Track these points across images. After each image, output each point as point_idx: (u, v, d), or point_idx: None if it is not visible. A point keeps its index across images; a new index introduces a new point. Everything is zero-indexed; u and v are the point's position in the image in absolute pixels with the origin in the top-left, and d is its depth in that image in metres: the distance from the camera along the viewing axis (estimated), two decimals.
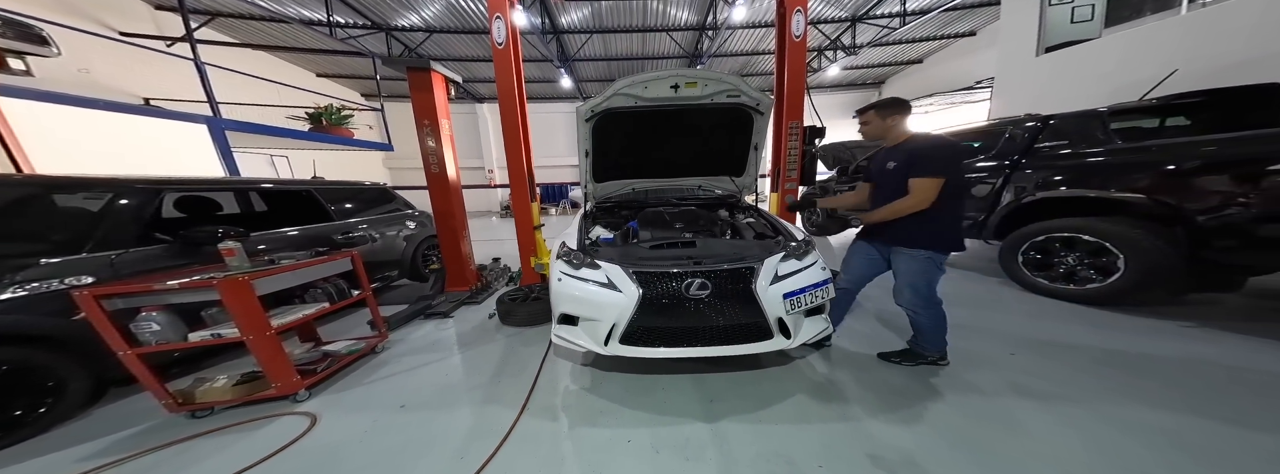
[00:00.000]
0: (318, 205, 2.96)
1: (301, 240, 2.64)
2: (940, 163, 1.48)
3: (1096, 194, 2.45)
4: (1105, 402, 1.49)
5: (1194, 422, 1.35)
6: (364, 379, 1.98)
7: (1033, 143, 2.82)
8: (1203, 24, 4.27)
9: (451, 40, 8.82)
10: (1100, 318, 2.32)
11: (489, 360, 2.14)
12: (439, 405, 1.70)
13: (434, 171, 3.27)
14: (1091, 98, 3.74)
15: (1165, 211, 2.19)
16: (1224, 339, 1.98)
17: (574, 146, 2.46)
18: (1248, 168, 1.91)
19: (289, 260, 1.93)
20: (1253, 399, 1.47)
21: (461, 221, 3.45)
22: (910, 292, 1.64)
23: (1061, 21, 5.52)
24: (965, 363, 1.83)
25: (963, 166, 1.60)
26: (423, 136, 3.17)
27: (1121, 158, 2.41)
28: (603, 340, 1.60)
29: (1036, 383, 1.65)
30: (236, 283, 1.58)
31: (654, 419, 1.51)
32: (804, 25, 2.83)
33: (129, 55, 5.08)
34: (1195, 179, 2.09)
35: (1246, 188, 1.91)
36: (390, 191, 3.82)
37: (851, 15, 8.36)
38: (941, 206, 1.50)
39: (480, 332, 2.58)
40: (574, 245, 1.86)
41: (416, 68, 3.04)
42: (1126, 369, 1.73)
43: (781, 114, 2.98)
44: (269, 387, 1.72)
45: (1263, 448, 1.21)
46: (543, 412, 1.61)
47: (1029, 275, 2.80)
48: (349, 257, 2.16)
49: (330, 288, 2.05)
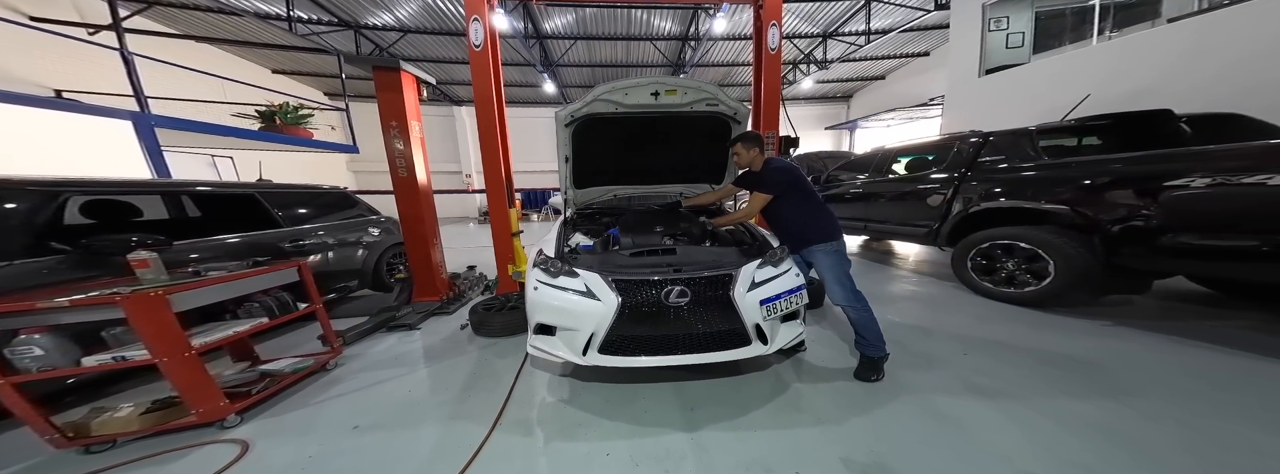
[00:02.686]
0: (262, 211, 2.75)
1: (241, 249, 2.43)
2: (772, 184, 1.90)
3: (1029, 205, 2.70)
4: (1043, 397, 1.63)
5: (1115, 411, 1.51)
6: (312, 399, 1.83)
7: (976, 157, 3.09)
8: (1110, 55, 4.87)
9: (428, 41, 8.55)
10: (1037, 318, 2.55)
11: (459, 374, 2.05)
12: (399, 424, 1.61)
13: (402, 175, 3.13)
14: (1027, 117, 4.15)
15: (1084, 222, 2.44)
16: (1136, 336, 2.23)
17: (554, 152, 2.43)
18: (1147, 184, 2.17)
19: (220, 272, 1.77)
20: (1162, 391, 1.66)
21: (432, 228, 3.32)
22: (839, 287, 1.82)
23: (998, 46, 6.12)
24: (926, 363, 1.96)
25: (803, 179, 1.94)
26: (389, 139, 3.04)
27: (1047, 173, 2.68)
28: (581, 350, 1.57)
29: (986, 381, 1.78)
30: (147, 299, 1.40)
31: (633, 430, 1.50)
32: (779, 39, 2.97)
33: (43, 43, 4.55)
34: (1106, 193, 2.35)
35: (1147, 201, 2.17)
36: (351, 196, 3.61)
37: (823, 31, 8.89)
38: (808, 210, 1.90)
39: (450, 344, 2.47)
40: (552, 253, 1.84)
41: (384, 67, 2.92)
42: (1058, 366, 1.90)
43: (758, 124, 3.09)
44: (188, 413, 1.54)
45: (1170, 435, 1.37)
46: (516, 426, 1.56)
47: (977, 280, 3.03)
48: (296, 266, 2.01)
49: (271, 301, 1.90)
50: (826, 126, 13.71)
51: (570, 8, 7.40)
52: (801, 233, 1.90)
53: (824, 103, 14.23)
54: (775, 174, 1.92)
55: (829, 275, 1.86)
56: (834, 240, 1.87)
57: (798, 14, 7.97)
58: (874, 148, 4.51)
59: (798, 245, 1.92)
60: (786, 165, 1.95)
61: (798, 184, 1.91)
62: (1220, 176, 1.91)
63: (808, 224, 1.90)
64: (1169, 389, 1.66)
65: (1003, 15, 5.92)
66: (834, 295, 1.85)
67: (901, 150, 4.06)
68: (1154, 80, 4.34)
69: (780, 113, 3.12)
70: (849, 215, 4.34)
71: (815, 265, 1.93)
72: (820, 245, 1.87)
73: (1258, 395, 1.60)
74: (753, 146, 1.98)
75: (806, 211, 1.90)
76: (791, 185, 1.90)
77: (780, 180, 1.90)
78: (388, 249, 3.56)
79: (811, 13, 7.97)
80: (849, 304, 1.81)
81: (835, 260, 1.85)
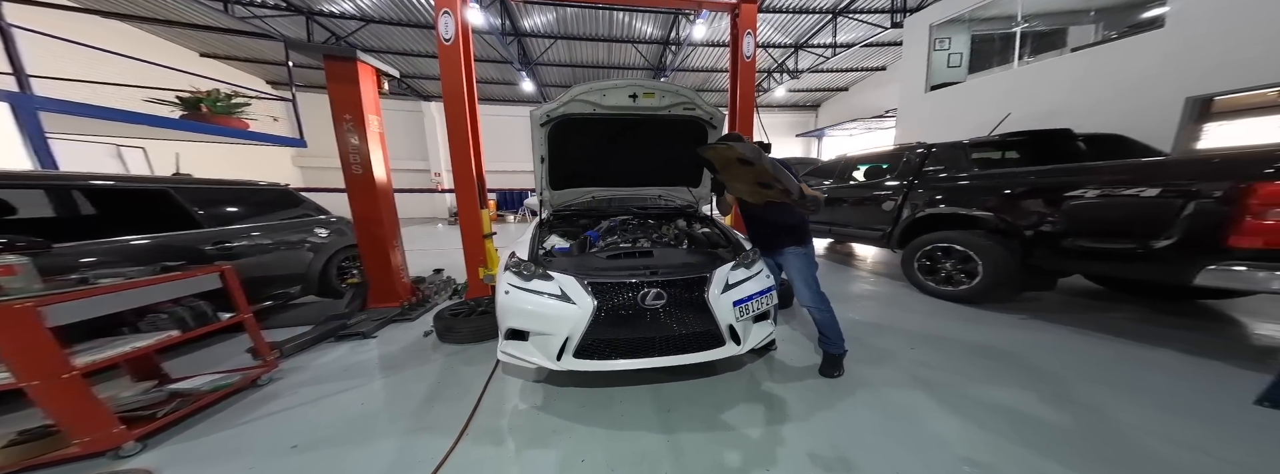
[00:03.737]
0: (179, 209, 2.46)
1: (149, 252, 2.16)
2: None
3: (964, 211, 2.99)
4: (976, 385, 1.82)
5: (1028, 395, 1.71)
6: (239, 419, 1.66)
7: (923, 166, 3.38)
8: (1027, 78, 5.52)
9: (393, 32, 8.01)
10: (970, 314, 2.83)
11: (421, 383, 1.94)
12: (349, 441, 1.49)
13: (356, 173, 2.92)
14: (965, 130, 4.58)
15: (1005, 227, 2.75)
16: (1046, 328, 2.54)
17: (531, 152, 2.37)
18: (1052, 194, 2.49)
19: (114, 279, 1.56)
20: (1071, 375, 1.91)
21: (391, 229, 3.12)
22: (806, 288, 1.89)
23: (941, 65, 6.74)
24: (880, 357, 2.12)
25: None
26: (343, 133, 2.83)
27: (977, 182, 2.99)
28: (555, 355, 1.55)
29: (930, 373, 1.95)
30: (10, 312, 1.21)
31: (610, 435, 1.50)
32: (753, 47, 3.09)
33: None
34: (1022, 201, 2.66)
35: (1053, 209, 2.48)
36: (294, 194, 3.31)
37: (794, 42, 9.35)
38: (788, 212, 1.90)
39: (412, 352, 2.34)
40: (525, 255, 1.79)
41: (337, 57, 2.71)
42: (987, 356, 2.13)
43: (734, 129, 3.18)
44: (69, 444, 1.34)
45: (1068, 412, 1.58)
46: (486, 436, 1.51)
47: (922, 279, 3.31)
48: (218, 271, 1.82)
49: (184, 312, 1.70)
50: (797, 133, 14.36)
51: (550, 6, 7.24)
52: (778, 235, 1.95)
53: (795, 111, 14.88)
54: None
55: (798, 277, 1.92)
56: (807, 244, 1.95)
57: (772, 24, 8.31)
58: (838, 155, 4.80)
59: (772, 246, 1.97)
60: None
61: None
62: (1106, 189, 2.23)
63: (785, 226, 1.95)
64: (1071, 373, 1.91)
65: (946, 36, 6.54)
66: (801, 296, 1.94)
67: (861, 158, 4.35)
68: (1061, 102, 4.97)
69: (754, 118, 3.24)
70: (815, 219, 4.60)
71: (785, 267, 1.99)
72: (794, 247, 1.93)
73: (1131, 376, 1.89)
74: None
75: (786, 214, 1.94)
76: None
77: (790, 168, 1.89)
78: (339, 252, 3.30)
79: (784, 24, 8.35)
80: (814, 305, 1.91)
81: (805, 263, 1.92)
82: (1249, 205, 1.73)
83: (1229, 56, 3.80)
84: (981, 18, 6.09)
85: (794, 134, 14.39)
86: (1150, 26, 4.39)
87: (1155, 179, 2.06)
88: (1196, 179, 1.93)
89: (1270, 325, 2.51)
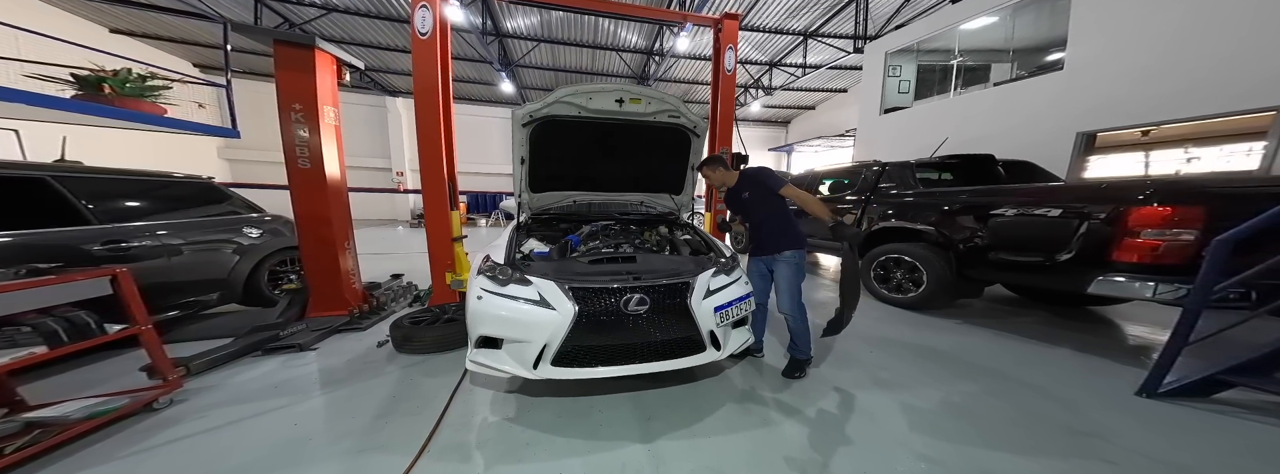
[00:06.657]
0: (62, 202, 2.13)
1: (12, 252, 1.85)
2: (778, 179, 1.97)
3: (910, 225, 3.27)
4: (922, 385, 1.96)
5: (964, 392, 1.88)
6: (126, 448, 1.41)
7: (878, 182, 3.66)
8: (960, 106, 6.22)
9: (357, 23, 7.48)
10: (916, 319, 3.07)
11: (372, 398, 1.76)
12: (277, 466, 1.32)
13: (303, 167, 2.66)
14: (912, 151, 5.03)
15: (943, 240, 3.03)
16: (975, 331, 2.81)
17: (510, 154, 2.28)
18: (978, 212, 2.80)
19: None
20: (990, 373, 2.12)
21: (342, 229, 2.85)
22: (789, 298, 1.94)
23: (893, 90, 7.44)
24: (844, 361, 2.23)
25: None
26: (290, 124, 2.57)
27: (921, 199, 3.29)
28: (531, 363, 1.47)
29: (887, 374, 2.08)
30: None
31: (589, 446, 1.44)
32: (734, 61, 3.24)
33: None
34: (957, 218, 2.95)
35: (979, 226, 2.78)
36: (219, 189, 2.95)
37: (770, 60, 9.94)
38: (787, 218, 1.97)
39: (360, 365, 2.12)
40: (501, 259, 1.70)
41: (291, 43, 2.49)
42: (930, 358, 2.31)
43: (714, 140, 3.30)
44: None
45: (994, 405, 1.76)
46: (450, 452, 1.39)
47: (877, 287, 3.55)
48: (109, 275, 1.56)
49: (55, 323, 1.44)
50: (770, 147, 15.13)
51: (535, 9, 7.13)
52: (777, 239, 1.96)
53: (768, 126, 15.67)
54: (769, 173, 2.00)
55: (785, 285, 1.95)
56: (801, 250, 1.96)
57: (750, 42, 8.79)
58: (806, 169, 5.10)
59: (769, 251, 1.98)
60: (765, 167, 2.10)
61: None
62: (1021, 209, 2.55)
63: (784, 231, 1.96)
64: (994, 372, 2.13)
65: (898, 64, 7.26)
66: (782, 303, 1.97)
67: (826, 173, 4.64)
68: (987, 130, 5.65)
69: (734, 130, 3.38)
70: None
71: (774, 273, 2.00)
72: (789, 253, 1.94)
73: (1044, 372, 2.14)
74: (718, 166, 2.08)
75: (786, 219, 1.98)
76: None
77: (776, 174, 2.01)
78: (273, 254, 2.96)
79: (761, 42, 8.87)
80: (793, 313, 1.96)
81: (794, 272, 1.94)
82: (1127, 226, 2.05)
83: (1104, 98, 4.54)
84: (927, 49, 6.83)
85: (767, 148, 15.16)
86: (1053, 68, 5.14)
87: (1058, 201, 2.39)
88: (1088, 202, 2.24)
89: (1140, 327, 2.95)
